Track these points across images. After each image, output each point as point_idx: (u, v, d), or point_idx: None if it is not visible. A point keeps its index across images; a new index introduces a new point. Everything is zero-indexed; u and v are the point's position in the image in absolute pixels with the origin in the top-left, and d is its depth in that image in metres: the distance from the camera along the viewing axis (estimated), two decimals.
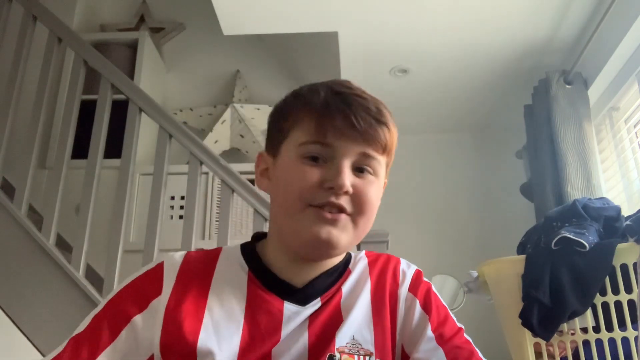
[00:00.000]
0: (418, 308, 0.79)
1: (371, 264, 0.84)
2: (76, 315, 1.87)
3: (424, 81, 2.72)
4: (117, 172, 2.11)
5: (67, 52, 2.45)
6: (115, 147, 2.17)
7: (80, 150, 2.21)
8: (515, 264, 1.57)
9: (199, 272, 0.78)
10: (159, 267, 0.78)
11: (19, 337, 1.89)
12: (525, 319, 1.48)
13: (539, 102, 2.48)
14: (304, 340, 0.73)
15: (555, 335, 1.47)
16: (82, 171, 2.12)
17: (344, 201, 0.73)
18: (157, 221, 2.00)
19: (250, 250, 0.81)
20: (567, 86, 2.37)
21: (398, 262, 0.85)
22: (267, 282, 0.77)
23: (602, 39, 2.15)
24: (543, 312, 1.46)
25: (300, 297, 0.76)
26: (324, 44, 2.62)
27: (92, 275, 2.22)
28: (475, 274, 1.71)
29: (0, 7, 2.45)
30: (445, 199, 3.02)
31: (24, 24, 2.35)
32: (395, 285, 0.81)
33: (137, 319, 0.72)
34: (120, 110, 2.23)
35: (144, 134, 2.33)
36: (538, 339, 1.49)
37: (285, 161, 0.77)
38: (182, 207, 2.61)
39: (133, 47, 3.07)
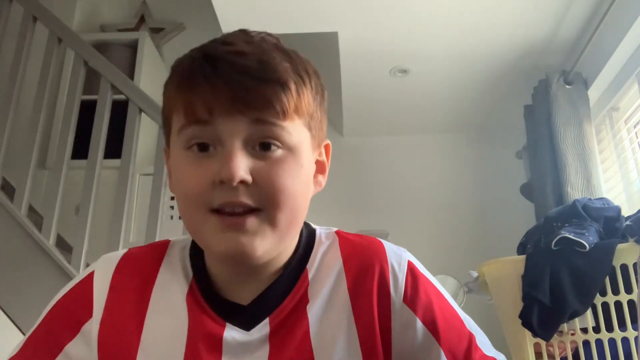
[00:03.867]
0: (419, 326, 0.63)
1: (347, 269, 0.64)
2: None
3: (423, 81, 2.71)
4: (117, 172, 2.11)
5: (67, 52, 2.44)
6: (115, 147, 2.17)
7: (80, 150, 2.21)
8: (515, 264, 1.57)
9: (136, 281, 0.65)
10: (89, 281, 0.65)
11: (18, 337, 1.89)
12: (525, 319, 1.48)
13: (539, 102, 2.47)
14: None
15: (555, 335, 1.47)
16: (82, 171, 2.12)
17: (245, 196, 0.56)
18: (157, 221, 2.00)
19: (200, 252, 0.66)
20: (567, 86, 2.37)
21: (385, 264, 0.65)
22: (209, 299, 0.63)
23: (602, 39, 2.15)
24: (543, 312, 1.46)
25: (245, 319, 0.62)
26: (324, 44, 2.61)
27: None
28: (475, 274, 1.71)
29: (0, 7, 2.45)
30: (445, 199, 3.02)
31: (24, 24, 2.35)
32: (386, 297, 0.63)
33: (70, 347, 0.63)
34: (120, 110, 2.23)
35: (144, 134, 2.33)
36: (538, 339, 1.49)
37: (175, 157, 0.62)
38: None
39: (133, 47, 3.07)
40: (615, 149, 2.36)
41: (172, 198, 2.68)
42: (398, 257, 0.66)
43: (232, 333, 0.61)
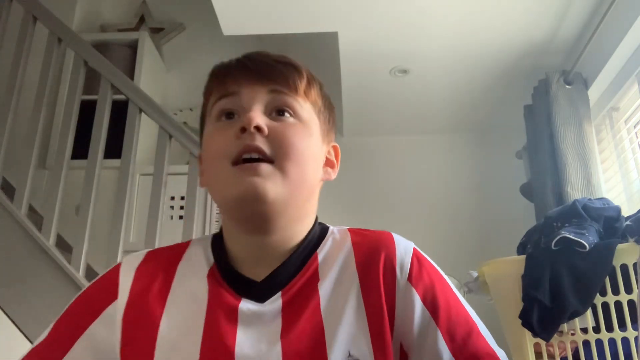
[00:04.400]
0: (419, 305, 0.66)
1: (358, 254, 0.70)
2: None
3: (424, 81, 2.71)
4: (117, 172, 2.11)
5: (67, 52, 2.45)
6: (115, 147, 2.17)
7: (80, 150, 2.21)
8: (515, 264, 1.57)
9: (159, 271, 0.71)
10: (116, 270, 0.72)
11: (18, 337, 1.89)
12: (525, 319, 1.48)
13: (539, 102, 2.47)
14: (275, 356, 0.63)
15: (555, 335, 1.47)
16: (82, 171, 2.12)
17: (260, 142, 0.65)
18: (157, 221, 2.00)
19: (220, 239, 0.74)
20: (567, 86, 2.37)
21: (392, 249, 0.70)
22: (227, 277, 0.70)
23: (602, 39, 2.15)
24: (543, 313, 1.46)
25: (258, 292, 0.67)
26: (324, 44, 2.61)
27: (92, 276, 2.22)
28: (475, 274, 1.71)
29: (0, 7, 2.45)
30: (445, 199, 3.02)
31: (24, 24, 2.35)
32: (391, 278, 0.68)
33: (92, 328, 0.68)
34: (120, 110, 2.23)
35: (144, 134, 2.33)
36: (538, 339, 1.49)
37: (207, 134, 0.72)
38: (182, 207, 2.61)
39: (133, 47, 3.07)
40: (615, 149, 2.36)
41: (172, 198, 2.69)
42: (405, 244, 0.72)
43: (247, 305, 0.67)
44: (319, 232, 0.74)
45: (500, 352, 0.69)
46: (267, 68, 0.70)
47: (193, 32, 3.39)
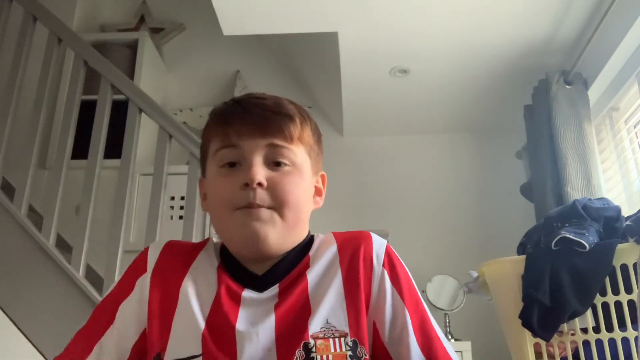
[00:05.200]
0: (389, 287, 0.80)
1: (341, 249, 0.83)
2: (76, 315, 1.87)
3: (424, 81, 2.71)
4: (117, 172, 2.11)
5: (67, 52, 2.45)
6: (115, 147, 2.17)
7: (80, 150, 2.21)
8: (515, 264, 1.57)
9: (179, 259, 0.84)
10: (145, 251, 0.86)
11: (18, 337, 1.89)
12: (525, 319, 1.48)
13: (539, 102, 2.48)
14: (269, 327, 0.75)
15: (555, 335, 1.47)
16: (82, 171, 2.12)
17: (262, 196, 0.77)
18: (157, 221, 2.00)
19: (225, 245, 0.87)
20: (567, 86, 2.37)
21: (370, 243, 0.84)
22: (233, 272, 0.82)
23: (602, 39, 2.15)
24: (543, 313, 1.46)
25: (259, 284, 0.80)
26: (324, 44, 2.62)
27: (92, 275, 2.22)
28: (475, 274, 1.71)
29: (0, 7, 2.45)
30: (446, 199, 3.02)
31: (24, 24, 2.35)
32: (369, 266, 0.81)
33: (124, 305, 0.81)
34: (120, 110, 2.23)
35: (144, 134, 2.33)
36: (538, 339, 1.49)
37: (210, 175, 0.83)
38: (182, 207, 2.61)
39: (133, 47, 3.07)
40: (615, 149, 2.36)
41: (172, 198, 2.69)
42: (381, 241, 0.85)
43: (249, 293, 0.79)
44: (307, 239, 0.86)
45: (449, 347, 0.80)
46: (265, 122, 0.80)
47: (193, 32, 3.39)
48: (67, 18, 2.82)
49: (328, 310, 0.77)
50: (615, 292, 1.45)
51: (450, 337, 2.53)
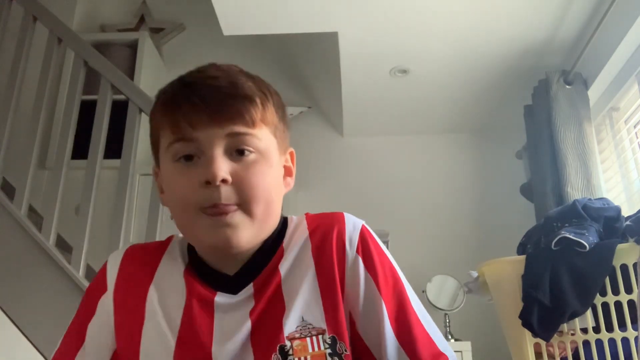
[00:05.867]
0: (363, 274, 0.74)
1: (312, 235, 0.77)
2: None
3: (424, 81, 2.71)
4: (117, 172, 2.11)
5: (67, 52, 2.44)
6: (115, 147, 2.17)
7: (80, 150, 2.21)
8: (515, 264, 1.57)
9: (141, 266, 0.78)
10: (104, 266, 0.80)
11: (18, 337, 1.89)
12: (525, 319, 1.47)
13: (539, 102, 2.48)
14: (243, 335, 0.71)
15: (555, 335, 1.47)
16: (82, 171, 2.12)
17: (227, 194, 0.68)
18: (157, 221, 2.00)
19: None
20: (567, 86, 2.37)
21: (343, 227, 0.77)
22: (202, 273, 0.76)
23: (602, 39, 2.15)
24: (543, 313, 1.46)
25: (232, 285, 0.74)
26: (324, 44, 2.62)
27: (92, 276, 2.22)
28: (475, 274, 1.71)
29: (0, 7, 2.45)
30: (445, 199, 3.02)
31: (24, 24, 2.35)
32: (342, 252, 0.75)
33: (90, 326, 0.76)
34: (120, 110, 2.23)
35: (144, 134, 2.33)
36: (538, 339, 1.49)
37: (165, 170, 0.74)
38: None
39: (133, 47, 3.07)
40: (615, 149, 2.36)
41: None
42: (354, 221, 0.78)
43: (222, 298, 0.73)
44: (280, 225, 0.79)
45: (428, 322, 0.76)
46: (221, 107, 0.69)
47: (193, 32, 3.39)
48: (67, 18, 2.82)
49: (303, 306, 0.72)
50: (615, 292, 1.45)
51: (450, 337, 2.53)
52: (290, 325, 0.70)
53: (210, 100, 0.69)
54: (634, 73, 2.13)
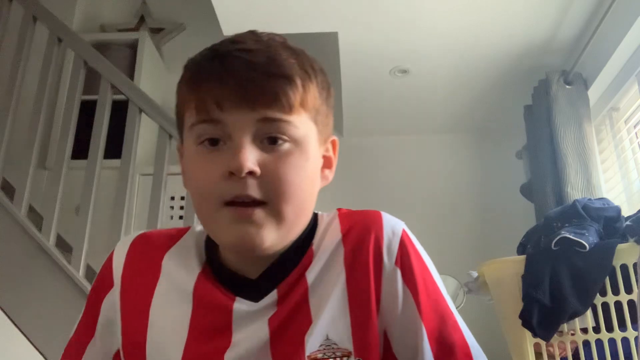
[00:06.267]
0: (401, 289, 0.65)
1: (346, 238, 0.68)
2: (76, 316, 1.88)
3: (424, 81, 2.71)
4: (117, 172, 2.11)
5: (67, 52, 2.44)
6: (115, 147, 2.17)
7: (80, 150, 2.21)
8: (515, 264, 1.57)
9: (148, 257, 0.71)
10: (109, 259, 0.73)
11: (18, 337, 1.89)
12: (525, 319, 1.48)
13: (538, 102, 2.47)
14: (264, 347, 0.62)
15: (555, 335, 1.48)
16: (82, 171, 2.12)
17: (252, 188, 0.59)
18: (157, 221, 2.00)
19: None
20: (567, 86, 2.37)
21: (380, 231, 0.68)
22: (219, 275, 0.68)
23: (602, 39, 2.15)
24: (543, 313, 1.46)
25: (253, 290, 0.65)
26: (324, 44, 2.61)
27: (92, 276, 2.22)
28: (475, 274, 1.71)
29: (0, 7, 2.45)
30: (445, 199, 3.02)
31: (24, 24, 2.35)
32: (378, 262, 0.66)
33: (102, 317, 0.72)
34: (120, 110, 2.23)
35: (144, 134, 2.33)
36: (538, 339, 1.49)
37: (188, 152, 0.65)
38: (182, 207, 2.61)
39: (133, 47, 3.07)
40: (615, 149, 2.36)
41: (172, 198, 2.69)
42: (393, 226, 0.69)
43: (241, 305, 0.65)
44: (311, 223, 0.70)
45: (473, 345, 0.67)
46: (254, 88, 0.60)
47: (193, 32, 3.39)
48: (67, 18, 2.82)
49: (329, 322, 0.63)
50: (615, 292, 1.46)
51: None
52: (313, 342, 0.62)
53: (242, 78, 0.60)
54: (634, 73, 2.13)
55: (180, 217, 2.57)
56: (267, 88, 0.60)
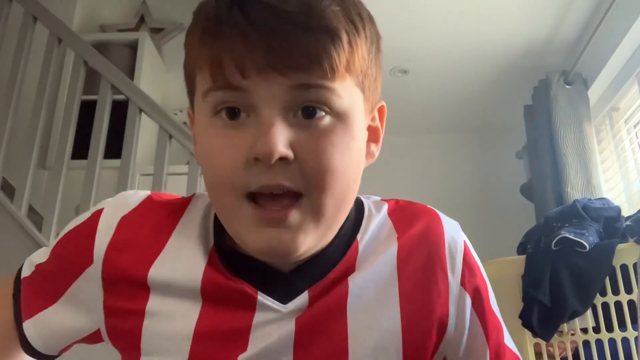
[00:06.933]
0: (470, 313, 0.55)
1: (403, 242, 0.55)
2: None
3: (424, 81, 2.71)
4: (117, 172, 2.11)
5: (67, 52, 2.44)
6: (115, 147, 2.17)
7: (80, 150, 2.21)
8: (515, 264, 1.57)
9: (143, 238, 0.55)
10: (94, 223, 0.56)
11: None
12: (525, 319, 1.48)
13: (539, 102, 2.47)
14: (286, 353, 0.51)
15: (555, 335, 1.47)
16: (82, 171, 2.12)
17: (285, 177, 0.47)
18: None
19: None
20: (567, 86, 2.37)
21: (442, 237, 0.56)
22: (234, 264, 0.53)
23: (602, 39, 2.15)
24: (543, 313, 1.46)
25: (282, 287, 0.52)
26: None
27: None
28: None
29: (0, 7, 2.45)
30: (445, 199, 3.02)
31: (24, 24, 2.35)
32: (444, 281, 0.54)
33: (75, 287, 0.56)
34: (120, 110, 2.23)
35: (144, 134, 2.33)
36: (538, 339, 1.49)
37: (200, 125, 0.52)
38: None
39: (133, 47, 3.07)
40: (615, 149, 2.36)
41: None
42: (455, 234, 0.58)
43: (266, 303, 0.52)
44: (355, 211, 0.57)
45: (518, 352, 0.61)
46: (287, 46, 0.46)
47: None
48: (67, 18, 2.81)
49: (375, 350, 0.51)
50: (615, 292, 1.46)
51: None
52: None
53: (271, 33, 0.46)
54: (634, 73, 2.13)
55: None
56: (304, 47, 0.46)
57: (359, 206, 0.59)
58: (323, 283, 0.53)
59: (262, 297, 0.52)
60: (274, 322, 0.51)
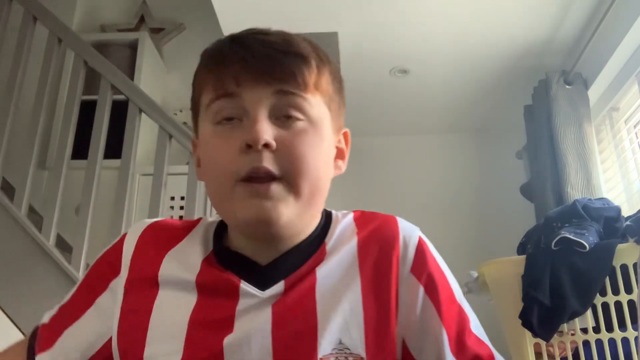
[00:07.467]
0: (421, 297, 0.64)
1: (362, 246, 0.66)
2: None
3: (424, 81, 2.71)
4: (117, 172, 2.11)
5: (67, 52, 2.45)
6: (115, 147, 2.17)
7: (80, 150, 2.21)
8: (515, 264, 1.57)
9: (158, 245, 0.68)
10: (120, 242, 0.71)
11: (18, 337, 1.89)
12: (525, 319, 1.48)
13: (539, 102, 2.48)
14: (265, 334, 0.60)
15: (555, 335, 1.47)
16: (82, 171, 2.12)
17: (269, 161, 0.60)
18: None
19: (224, 227, 0.71)
20: (567, 86, 2.37)
21: (397, 233, 0.67)
22: (225, 261, 0.66)
23: (602, 39, 2.15)
24: (543, 313, 1.46)
25: (261, 277, 0.64)
26: (324, 44, 2.61)
27: None
28: (475, 274, 1.71)
29: (0, 7, 2.45)
30: (445, 199, 3.02)
31: (24, 24, 2.35)
32: (395, 265, 0.65)
33: (99, 300, 0.68)
34: (120, 110, 2.23)
35: (144, 134, 2.33)
36: (538, 339, 1.49)
37: (204, 136, 0.66)
38: (182, 208, 2.61)
39: (133, 47, 3.07)
40: (615, 149, 2.36)
41: (172, 198, 2.68)
42: (410, 232, 0.68)
43: (247, 289, 0.63)
44: (324, 219, 0.70)
45: (494, 351, 0.67)
46: (271, 63, 0.62)
47: (193, 32, 3.39)
48: (67, 18, 2.82)
49: (341, 327, 0.61)
50: (615, 292, 1.45)
51: None
52: (325, 346, 0.60)
53: (259, 56, 0.62)
54: (634, 73, 2.13)
55: (180, 217, 2.57)
56: (284, 64, 0.62)
57: (328, 215, 0.71)
58: (296, 274, 0.64)
59: (244, 285, 0.63)
60: (254, 307, 0.62)
